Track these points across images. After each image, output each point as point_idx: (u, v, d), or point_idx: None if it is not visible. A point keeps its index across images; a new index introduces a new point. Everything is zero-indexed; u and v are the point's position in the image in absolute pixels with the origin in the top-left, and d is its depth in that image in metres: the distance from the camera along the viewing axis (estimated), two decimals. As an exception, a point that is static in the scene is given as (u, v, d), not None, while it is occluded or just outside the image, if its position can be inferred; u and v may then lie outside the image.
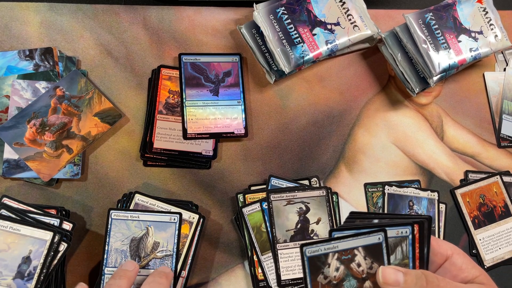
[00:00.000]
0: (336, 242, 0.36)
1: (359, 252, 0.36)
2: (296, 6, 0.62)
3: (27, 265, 0.51)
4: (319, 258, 0.36)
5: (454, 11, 0.64)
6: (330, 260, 0.36)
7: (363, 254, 0.36)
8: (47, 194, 0.58)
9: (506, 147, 0.67)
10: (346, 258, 0.36)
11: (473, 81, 0.70)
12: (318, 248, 0.36)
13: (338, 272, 0.36)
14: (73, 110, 0.59)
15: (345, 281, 0.36)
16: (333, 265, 0.36)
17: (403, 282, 0.35)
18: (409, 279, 0.35)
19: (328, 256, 0.36)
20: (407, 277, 0.35)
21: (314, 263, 0.36)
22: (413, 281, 0.35)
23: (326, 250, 0.36)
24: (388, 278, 0.35)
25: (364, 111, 0.66)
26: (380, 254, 0.36)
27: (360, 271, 0.36)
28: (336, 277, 0.36)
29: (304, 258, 0.36)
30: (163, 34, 0.65)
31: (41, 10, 0.63)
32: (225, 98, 0.62)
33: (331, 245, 0.36)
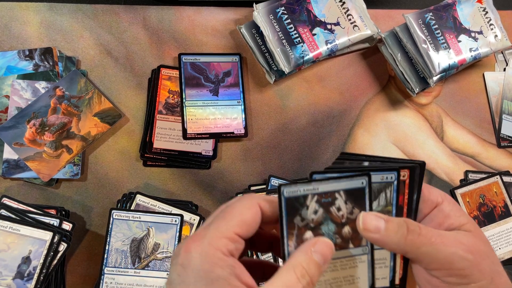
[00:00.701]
0: (317, 184, 0.34)
1: (340, 196, 0.34)
2: (296, 6, 0.62)
3: (26, 265, 0.51)
4: (298, 199, 0.33)
5: (454, 11, 0.64)
6: (309, 202, 0.34)
7: (344, 198, 0.34)
8: (46, 194, 0.58)
9: (506, 147, 0.67)
10: (326, 201, 0.34)
11: (473, 81, 0.69)
12: (297, 189, 0.33)
13: (316, 215, 0.34)
14: (72, 110, 0.59)
15: (323, 224, 0.34)
16: (312, 208, 0.34)
17: (383, 229, 0.34)
18: (390, 226, 0.34)
19: (307, 197, 0.34)
20: (388, 224, 0.34)
21: (291, 204, 0.33)
22: (394, 229, 0.34)
23: (305, 192, 0.33)
24: (369, 225, 0.34)
25: (364, 111, 0.66)
26: (362, 200, 0.34)
27: (339, 215, 0.34)
28: (314, 220, 0.34)
29: (282, 198, 0.33)
30: (163, 34, 0.64)
31: (41, 10, 0.63)
32: (225, 98, 0.62)
33: (311, 187, 0.33)
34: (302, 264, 0.31)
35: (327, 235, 0.34)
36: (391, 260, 0.37)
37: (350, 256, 0.35)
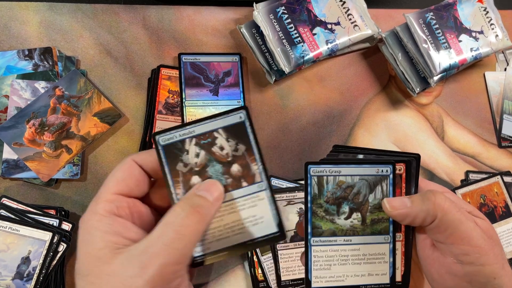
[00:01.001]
0: (192, 127, 0.33)
1: (220, 135, 0.33)
2: (296, 5, 0.62)
3: (26, 265, 0.51)
4: (175, 145, 0.33)
5: (455, 10, 0.64)
6: (188, 146, 0.33)
7: (224, 136, 0.33)
8: (46, 194, 0.57)
9: (507, 147, 0.67)
10: (205, 142, 0.33)
11: (474, 81, 0.69)
12: (172, 135, 0.33)
13: (199, 158, 0.33)
14: (72, 110, 0.59)
15: (208, 167, 0.33)
16: (192, 151, 0.33)
17: (409, 203, 0.35)
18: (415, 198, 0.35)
19: (185, 142, 0.33)
20: (413, 198, 0.35)
21: (170, 151, 0.33)
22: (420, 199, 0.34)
23: (182, 136, 0.33)
24: (395, 203, 0.35)
25: (365, 111, 0.66)
26: (246, 135, 0.34)
27: (224, 154, 0.33)
28: (197, 164, 0.33)
29: (158, 147, 0.33)
30: (162, 34, 0.64)
31: (41, 9, 0.63)
32: (225, 98, 0.62)
33: (186, 130, 0.33)
34: (183, 200, 0.31)
35: (215, 177, 0.33)
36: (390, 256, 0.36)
37: (247, 195, 0.34)
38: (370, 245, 0.36)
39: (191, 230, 0.29)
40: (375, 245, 0.36)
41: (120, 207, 0.32)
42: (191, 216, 0.30)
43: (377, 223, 0.36)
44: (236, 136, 0.34)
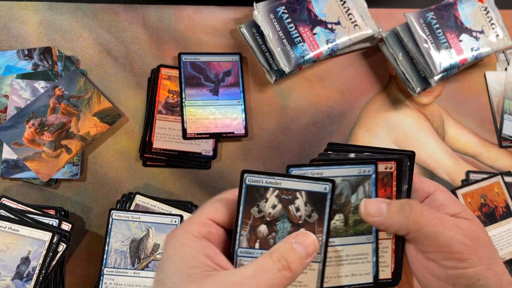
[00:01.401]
0: (280, 179, 0.34)
1: (301, 196, 0.34)
2: (297, 5, 0.62)
3: (26, 265, 0.51)
4: (258, 190, 0.33)
5: (455, 10, 0.64)
6: (269, 195, 0.34)
7: (304, 199, 0.34)
8: (46, 195, 0.57)
9: (508, 147, 0.67)
10: (285, 198, 0.34)
11: (475, 81, 0.69)
12: (259, 179, 0.33)
13: (274, 209, 0.34)
14: (72, 110, 0.59)
15: (279, 221, 0.34)
16: (271, 201, 0.34)
17: (386, 211, 0.34)
18: (393, 208, 0.34)
19: (268, 190, 0.34)
20: (391, 206, 0.34)
21: (251, 193, 0.33)
22: (397, 210, 0.34)
23: (267, 184, 0.34)
24: (371, 209, 0.34)
25: (365, 111, 0.66)
26: (323, 206, 0.34)
27: (297, 216, 0.34)
28: (271, 214, 0.34)
29: (243, 185, 0.33)
30: (162, 34, 0.64)
31: (40, 9, 0.63)
32: (225, 97, 0.62)
33: (273, 180, 0.34)
34: (279, 250, 0.32)
35: (281, 233, 0.34)
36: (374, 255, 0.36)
37: None
38: (353, 246, 0.36)
39: (281, 282, 0.30)
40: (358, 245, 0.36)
41: (211, 233, 0.32)
42: (284, 271, 0.31)
43: (359, 223, 0.36)
44: (314, 204, 0.34)
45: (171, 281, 0.30)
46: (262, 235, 0.34)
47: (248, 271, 0.30)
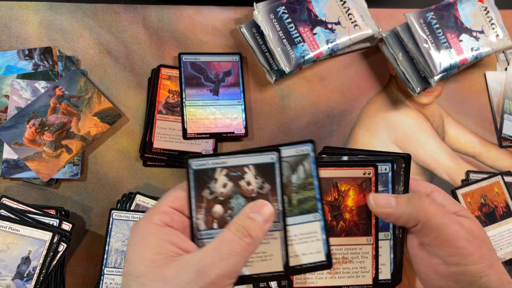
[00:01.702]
0: (225, 158, 0.34)
1: (250, 170, 0.34)
2: (297, 5, 0.62)
3: (26, 265, 0.51)
4: (206, 172, 0.34)
5: (455, 10, 0.64)
6: (218, 175, 0.34)
7: (253, 173, 0.34)
8: (46, 194, 0.57)
9: (508, 147, 0.67)
10: (235, 175, 0.34)
11: (475, 81, 0.69)
12: (205, 162, 0.34)
13: (225, 188, 0.34)
14: (72, 110, 0.59)
15: (232, 198, 0.34)
16: (221, 181, 0.34)
17: (395, 203, 0.35)
18: (401, 199, 0.35)
19: (215, 171, 0.34)
20: (399, 198, 0.35)
21: (200, 177, 0.34)
22: (405, 201, 0.35)
23: (214, 165, 0.34)
24: (380, 201, 0.35)
25: (365, 111, 0.66)
26: (273, 175, 0.35)
27: (249, 189, 0.34)
28: (223, 194, 0.34)
29: (189, 171, 0.34)
30: (163, 34, 0.64)
31: (41, 9, 0.63)
32: (225, 97, 0.62)
33: (219, 160, 0.34)
34: (237, 221, 0.33)
35: (237, 209, 0.34)
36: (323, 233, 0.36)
37: None
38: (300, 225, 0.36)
39: (243, 250, 0.31)
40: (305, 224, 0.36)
41: (174, 220, 0.33)
42: (244, 238, 0.31)
43: (304, 202, 0.36)
44: (264, 175, 0.35)
45: (137, 270, 0.30)
46: (218, 214, 0.34)
47: (210, 247, 0.31)
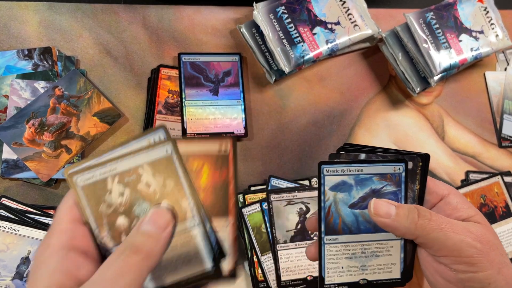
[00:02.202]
0: (113, 164, 0.30)
1: (145, 171, 0.31)
2: (296, 5, 0.62)
3: (26, 265, 0.51)
4: (96, 185, 0.30)
5: (455, 10, 0.64)
6: (111, 185, 0.30)
7: (150, 172, 0.31)
8: (46, 194, 0.57)
9: (507, 147, 0.67)
10: (130, 180, 0.30)
11: (474, 81, 0.69)
12: (92, 175, 0.30)
13: (123, 197, 0.30)
14: (72, 110, 0.59)
15: (135, 206, 0.31)
16: (116, 191, 0.30)
17: (394, 214, 0.34)
18: (401, 212, 0.34)
19: (107, 181, 0.30)
20: (399, 210, 0.34)
21: (91, 193, 0.30)
22: (405, 214, 0.34)
23: (103, 175, 0.30)
24: (380, 210, 0.35)
25: (365, 111, 0.66)
26: (173, 169, 0.31)
27: (151, 191, 0.31)
28: (122, 204, 0.31)
29: (77, 189, 0.30)
30: (162, 34, 0.64)
31: (40, 9, 0.63)
32: (225, 98, 0.62)
33: (107, 168, 0.30)
34: (127, 239, 0.29)
35: (143, 216, 0.30)
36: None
37: (179, 232, 0.31)
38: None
39: (134, 269, 0.28)
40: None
41: (75, 237, 0.29)
42: (133, 256, 0.28)
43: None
44: (163, 171, 0.31)
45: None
46: (125, 226, 0.31)
47: (95, 274, 0.28)
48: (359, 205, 0.36)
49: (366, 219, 0.36)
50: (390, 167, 0.36)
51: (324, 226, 0.36)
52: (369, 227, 0.36)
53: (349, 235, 0.36)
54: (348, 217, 0.36)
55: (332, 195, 0.36)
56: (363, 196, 0.36)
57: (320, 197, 0.36)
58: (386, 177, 0.36)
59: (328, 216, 0.36)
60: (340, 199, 0.36)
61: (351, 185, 0.36)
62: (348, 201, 0.36)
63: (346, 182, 0.36)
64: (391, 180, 0.36)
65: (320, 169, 0.36)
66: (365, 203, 0.36)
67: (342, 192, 0.36)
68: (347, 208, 0.36)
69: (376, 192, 0.36)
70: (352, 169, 0.36)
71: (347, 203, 0.36)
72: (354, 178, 0.36)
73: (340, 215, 0.36)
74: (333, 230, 0.36)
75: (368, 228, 0.36)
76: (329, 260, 0.36)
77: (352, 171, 0.36)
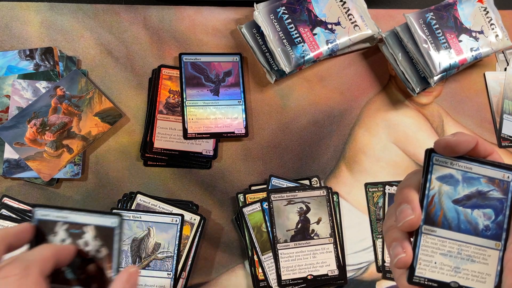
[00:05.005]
0: (69, 212, 0.34)
1: (90, 230, 0.34)
2: (297, 5, 0.62)
3: (27, 265, 0.51)
4: (47, 224, 0.34)
5: (455, 10, 0.64)
6: (58, 229, 0.34)
7: (93, 234, 0.34)
8: (47, 194, 0.58)
9: (507, 147, 0.67)
10: (74, 232, 0.34)
11: (474, 81, 0.69)
12: (49, 213, 0.34)
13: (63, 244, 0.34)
14: (73, 110, 0.59)
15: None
16: (60, 236, 0.34)
17: None
18: None
19: (56, 224, 0.34)
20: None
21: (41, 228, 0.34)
22: None
23: (56, 218, 0.34)
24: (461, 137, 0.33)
25: (365, 111, 0.66)
26: (111, 240, 0.34)
27: (85, 250, 0.34)
28: None
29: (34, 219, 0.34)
30: (163, 34, 0.64)
31: (42, 10, 0.63)
32: (226, 98, 0.62)
33: (62, 214, 0.34)
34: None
35: (71, 267, 0.34)
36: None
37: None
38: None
39: None
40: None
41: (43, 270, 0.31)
42: None
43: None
44: (103, 239, 0.34)
45: None
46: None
47: None
48: (463, 202, 0.35)
49: (467, 219, 0.35)
50: (500, 173, 0.35)
51: (425, 215, 0.34)
52: (469, 228, 0.35)
53: (448, 231, 0.35)
54: (450, 211, 0.35)
55: (437, 185, 0.35)
56: (468, 195, 0.35)
57: (425, 184, 0.35)
58: (494, 182, 0.35)
59: (430, 205, 0.35)
60: (445, 191, 0.35)
61: (458, 180, 0.35)
62: (453, 195, 0.35)
63: (453, 176, 0.35)
64: (498, 186, 0.35)
65: (430, 156, 0.35)
66: (470, 203, 0.35)
67: (448, 185, 0.35)
68: (451, 203, 0.35)
69: (482, 194, 0.35)
70: (461, 165, 0.35)
71: (452, 198, 0.35)
72: (462, 175, 0.35)
73: (442, 208, 0.35)
74: (432, 222, 0.35)
75: (468, 229, 0.35)
76: (423, 251, 0.34)
77: (461, 167, 0.35)
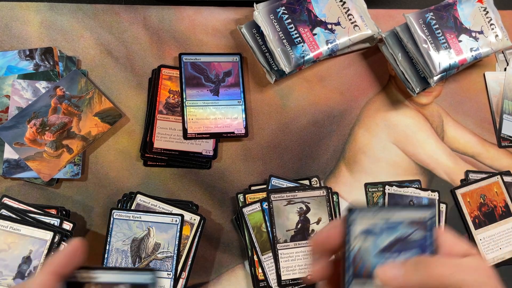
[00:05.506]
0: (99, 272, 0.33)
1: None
2: (297, 6, 0.62)
3: (27, 265, 0.51)
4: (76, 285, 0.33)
5: (455, 10, 0.64)
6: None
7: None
8: (47, 194, 0.58)
9: (507, 147, 0.67)
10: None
11: (474, 81, 0.69)
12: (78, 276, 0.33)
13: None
14: (73, 110, 0.59)
15: None
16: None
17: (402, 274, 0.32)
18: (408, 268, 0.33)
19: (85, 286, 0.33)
20: (405, 267, 0.33)
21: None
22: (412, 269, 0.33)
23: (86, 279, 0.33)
24: (386, 276, 0.33)
25: (365, 111, 0.66)
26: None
27: None
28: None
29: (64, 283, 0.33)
30: (163, 34, 0.64)
31: (42, 10, 0.63)
32: (226, 98, 0.62)
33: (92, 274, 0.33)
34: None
35: None
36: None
37: None
38: None
39: None
40: None
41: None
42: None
43: None
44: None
45: None
46: None
47: None
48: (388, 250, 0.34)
49: None
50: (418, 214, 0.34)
51: (352, 271, 0.34)
52: None
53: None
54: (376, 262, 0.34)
55: (359, 241, 0.34)
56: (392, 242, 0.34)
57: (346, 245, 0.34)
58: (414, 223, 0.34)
59: (355, 262, 0.34)
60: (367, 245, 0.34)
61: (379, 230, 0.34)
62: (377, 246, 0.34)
63: (374, 227, 0.34)
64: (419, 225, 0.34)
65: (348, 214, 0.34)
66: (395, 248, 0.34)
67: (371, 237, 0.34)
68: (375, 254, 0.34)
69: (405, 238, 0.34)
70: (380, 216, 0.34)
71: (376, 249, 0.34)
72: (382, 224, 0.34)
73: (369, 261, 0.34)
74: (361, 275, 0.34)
75: None
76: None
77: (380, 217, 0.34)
